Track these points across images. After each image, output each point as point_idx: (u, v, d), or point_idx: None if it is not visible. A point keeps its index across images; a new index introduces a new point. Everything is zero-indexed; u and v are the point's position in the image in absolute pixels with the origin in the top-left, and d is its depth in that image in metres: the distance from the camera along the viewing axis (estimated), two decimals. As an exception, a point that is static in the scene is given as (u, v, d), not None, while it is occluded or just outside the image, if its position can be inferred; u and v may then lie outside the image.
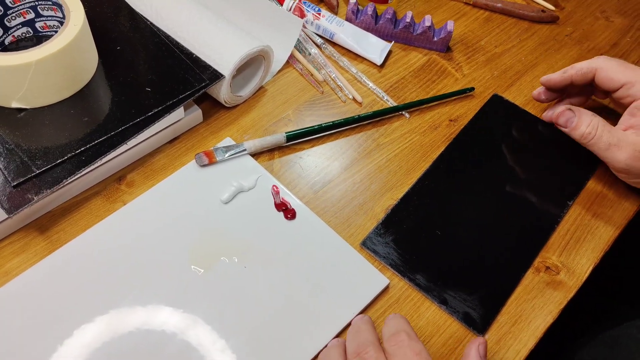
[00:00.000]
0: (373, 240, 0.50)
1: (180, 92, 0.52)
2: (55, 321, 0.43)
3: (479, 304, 0.47)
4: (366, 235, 0.50)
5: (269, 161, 0.55)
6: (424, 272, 0.48)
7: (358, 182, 0.54)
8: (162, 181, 0.51)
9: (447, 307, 0.47)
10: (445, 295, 0.47)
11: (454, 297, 0.47)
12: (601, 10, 0.75)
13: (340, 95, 0.61)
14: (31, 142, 0.47)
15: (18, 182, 0.45)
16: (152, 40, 0.56)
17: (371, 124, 0.59)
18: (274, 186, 0.51)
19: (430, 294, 0.47)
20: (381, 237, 0.50)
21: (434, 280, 0.48)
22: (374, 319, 0.46)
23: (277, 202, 0.51)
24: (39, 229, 0.48)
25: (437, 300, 0.47)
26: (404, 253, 0.49)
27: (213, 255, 0.47)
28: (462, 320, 0.46)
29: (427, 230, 0.51)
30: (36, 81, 0.47)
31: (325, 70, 0.63)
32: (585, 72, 0.55)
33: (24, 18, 0.53)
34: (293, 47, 0.62)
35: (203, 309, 0.44)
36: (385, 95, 0.61)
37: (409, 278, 0.48)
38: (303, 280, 0.46)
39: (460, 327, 0.46)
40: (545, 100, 0.60)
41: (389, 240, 0.50)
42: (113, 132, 0.49)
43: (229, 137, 0.55)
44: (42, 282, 0.44)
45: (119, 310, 0.43)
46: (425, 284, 0.48)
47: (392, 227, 0.51)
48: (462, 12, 0.73)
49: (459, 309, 0.46)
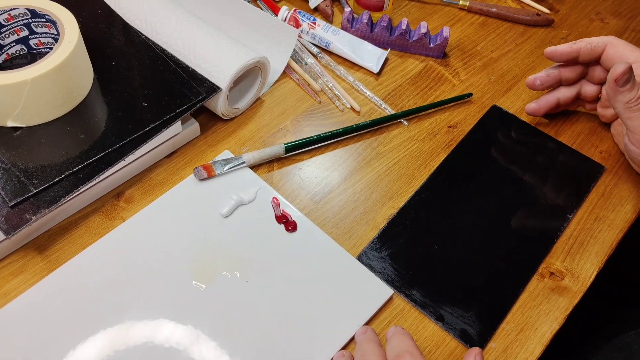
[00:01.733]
0: (369, 255, 0.49)
1: (177, 106, 0.52)
2: (56, 342, 0.42)
3: (476, 320, 0.46)
4: (362, 250, 0.50)
5: (268, 173, 0.54)
6: (420, 287, 0.47)
7: (358, 191, 0.54)
8: (160, 197, 0.51)
9: (444, 324, 0.46)
10: (442, 312, 0.46)
11: (450, 313, 0.46)
12: (596, 12, 0.76)
13: (338, 105, 0.61)
14: (28, 161, 0.47)
15: (15, 202, 0.44)
16: (147, 54, 0.55)
17: (370, 132, 0.58)
18: (274, 198, 0.51)
19: (426, 310, 0.46)
20: (377, 251, 0.49)
21: (430, 296, 0.47)
22: (379, 331, 0.45)
23: (278, 214, 0.50)
24: (37, 249, 0.47)
25: (433, 316, 0.46)
26: (399, 268, 0.48)
27: (214, 270, 0.47)
28: (459, 338, 0.45)
29: (424, 245, 0.50)
30: (32, 99, 0.47)
31: (322, 79, 0.62)
32: (595, 45, 0.54)
33: (18, 35, 0.53)
34: (289, 57, 0.62)
35: (205, 325, 0.44)
36: (383, 103, 0.61)
37: (404, 294, 0.47)
38: (306, 293, 0.46)
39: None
40: (540, 87, 0.58)
41: (385, 255, 0.49)
42: (110, 148, 0.48)
43: (227, 150, 0.55)
44: (42, 302, 0.44)
45: (120, 329, 0.43)
46: (421, 299, 0.47)
47: (388, 241, 0.50)
48: (457, 18, 0.73)
49: (455, 326, 0.46)
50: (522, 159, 0.57)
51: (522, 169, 0.56)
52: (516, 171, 0.56)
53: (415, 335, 0.45)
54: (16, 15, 0.51)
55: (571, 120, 0.62)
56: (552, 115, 0.62)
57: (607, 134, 0.61)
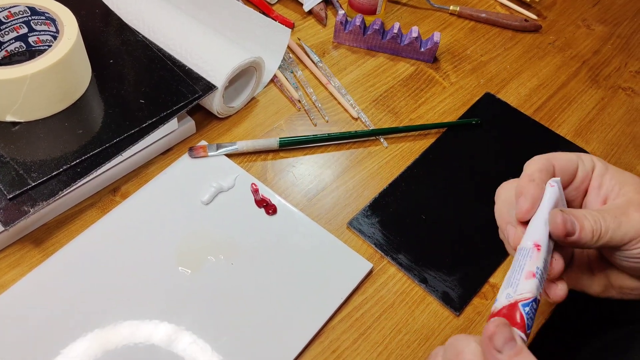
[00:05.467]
0: (359, 221, 0.52)
1: (173, 103, 0.53)
2: (46, 332, 0.43)
3: (457, 284, 0.49)
4: (353, 216, 0.52)
5: (262, 170, 0.55)
6: (407, 252, 0.51)
7: (351, 188, 0.55)
8: (141, 188, 0.52)
9: (427, 285, 0.49)
10: (426, 275, 0.49)
11: (434, 277, 0.49)
12: (582, 19, 0.78)
13: (326, 113, 0.62)
14: (26, 155, 0.47)
15: (14, 195, 0.45)
16: (144, 53, 0.56)
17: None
18: (252, 184, 0.53)
19: (411, 272, 0.49)
20: (368, 218, 0.52)
21: (415, 261, 0.50)
22: (359, 303, 0.47)
23: (258, 199, 0.52)
24: (34, 242, 0.48)
25: (417, 279, 0.49)
26: (388, 234, 0.51)
27: (199, 255, 0.48)
28: (440, 299, 0.48)
29: (412, 214, 0.53)
30: (31, 94, 0.48)
31: (307, 90, 0.63)
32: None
33: (17, 33, 0.54)
34: (282, 56, 0.63)
35: (193, 308, 0.45)
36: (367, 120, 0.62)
37: (391, 257, 0.50)
38: (290, 272, 0.48)
39: (440, 305, 0.47)
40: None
41: (375, 222, 0.52)
42: (107, 144, 0.49)
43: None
44: (29, 295, 0.44)
45: (110, 317, 0.44)
46: (407, 263, 0.50)
47: (379, 209, 0.53)
48: (448, 22, 0.75)
49: (438, 288, 0.49)
50: (512, 141, 0.60)
51: (511, 150, 0.59)
52: (505, 151, 0.59)
53: (401, 296, 0.48)
54: (16, 12, 0.52)
55: (566, 112, 0.64)
56: (547, 106, 0.64)
57: (602, 127, 0.63)
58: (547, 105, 0.65)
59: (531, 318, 0.33)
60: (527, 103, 0.65)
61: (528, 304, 0.33)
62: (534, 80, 0.68)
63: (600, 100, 0.67)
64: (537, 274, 0.35)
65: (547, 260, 0.36)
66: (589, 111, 0.65)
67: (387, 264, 0.50)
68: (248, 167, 0.55)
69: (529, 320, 0.33)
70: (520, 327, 0.32)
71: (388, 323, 0.46)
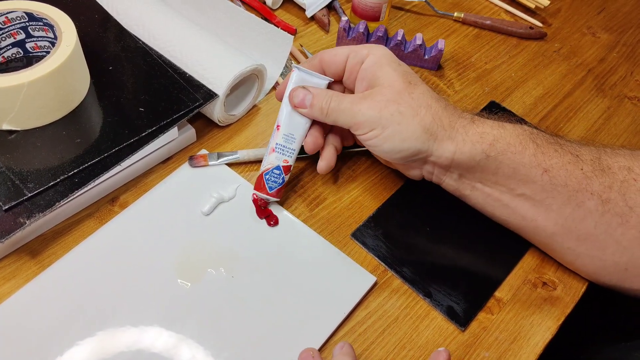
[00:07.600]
0: (363, 233, 0.51)
1: (173, 112, 0.52)
2: (43, 345, 0.41)
3: (462, 298, 0.48)
4: (356, 228, 0.51)
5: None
6: (411, 265, 0.50)
7: (354, 199, 0.54)
8: (140, 198, 0.51)
9: (431, 300, 0.48)
10: (430, 289, 0.48)
11: (438, 290, 0.48)
12: (587, 27, 0.77)
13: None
14: (23, 164, 0.46)
15: (9, 206, 0.44)
16: (144, 59, 0.55)
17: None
18: (254, 194, 0.51)
19: (415, 286, 0.48)
20: (371, 229, 0.51)
21: (419, 274, 0.49)
22: (362, 317, 0.46)
23: (260, 208, 0.51)
24: (30, 253, 0.47)
25: (421, 292, 0.48)
26: (392, 247, 0.50)
27: (199, 267, 0.47)
28: (445, 314, 0.47)
29: (417, 226, 0.52)
30: (28, 102, 0.47)
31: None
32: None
33: (14, 39, 0.53)
34: (285, 63, 0.62)
35: (193, 323, 0.44)
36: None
37: (395, 270, 0.49)
38: (292, 285, 0.47)
39: (445, 320, 0.47)
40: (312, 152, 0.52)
41: (379, 234, 0.51)
42: (106, 153, 0.48)
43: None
44: (25, 308, 0.43)
45: (108, 331, 0.43)
46: (411, 276, 0.49)
47: (382, 221, 0.52)
48: (452, 29, 0.74)
49: (442, 302, 0.48)
50: None
51: None
52: None
53: (405, 310, 0.47)
54: (14, 18, 0.51)
55: (572, 122, 0.64)
56: (552, 115, 0.64)
57: (609, 137, 0.63)
58: (552, 114, 0.64)
59: (274, 181, 0.49)
60: (532, 112, 0.64)
61: (269, 172, 0.49)
62: (539, 89, 0.67)
63: (607, 110, 0.66)
64: (276, 149, 0.49)
65: (293, 136, 0.49)
66: (595, 120, 0.64)
67: (390, 277, 0.49)
68: (249, 177, 0.54)
69: (271, 183, 0.49)
70: (263, 190, 0.49)
71: (392, 339, 0.46)
